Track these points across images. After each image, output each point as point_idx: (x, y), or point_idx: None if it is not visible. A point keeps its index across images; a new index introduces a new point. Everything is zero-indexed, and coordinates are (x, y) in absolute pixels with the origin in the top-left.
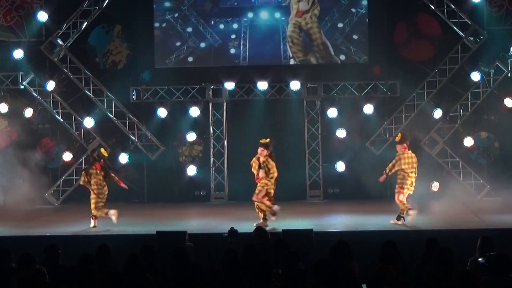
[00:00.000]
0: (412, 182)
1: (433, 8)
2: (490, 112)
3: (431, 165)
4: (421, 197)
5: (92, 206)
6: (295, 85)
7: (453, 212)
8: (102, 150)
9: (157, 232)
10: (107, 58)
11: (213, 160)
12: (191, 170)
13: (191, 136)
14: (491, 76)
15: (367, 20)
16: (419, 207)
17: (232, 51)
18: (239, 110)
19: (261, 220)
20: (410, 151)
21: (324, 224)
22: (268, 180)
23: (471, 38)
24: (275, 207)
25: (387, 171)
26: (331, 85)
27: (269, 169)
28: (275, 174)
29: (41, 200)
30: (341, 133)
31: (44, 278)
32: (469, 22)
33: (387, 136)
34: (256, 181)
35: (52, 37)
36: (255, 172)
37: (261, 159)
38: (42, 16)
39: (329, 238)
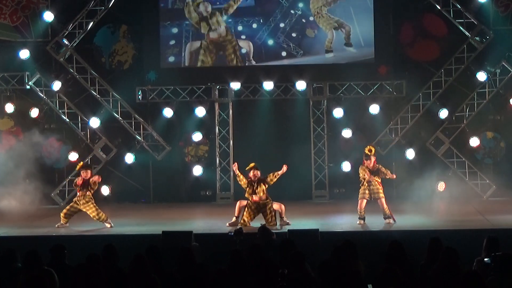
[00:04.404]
0: None
1: (439, 8)
2: (496, 112)
3: (437, 165)
4: (427, 197)
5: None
6: (301, 85)
7: (459, 212)
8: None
9: (163, 232)
10: (113, 58)
11: (219, 160)
12: (197, 170)
13: (197, 136)
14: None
15: (373, 20)
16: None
17: (171, 59)
18: (245, 110)
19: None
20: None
21: (330, 224)
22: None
23: (477, 38)
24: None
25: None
26: (337, 85)
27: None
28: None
29: (47, 200)
30: (347, 133)
31: (53, 279)
32: (475, 22)
33: (393, 136)
34: (251, 200)
35: (58, 37)
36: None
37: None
38: (48, 16)
39: (335, 238)
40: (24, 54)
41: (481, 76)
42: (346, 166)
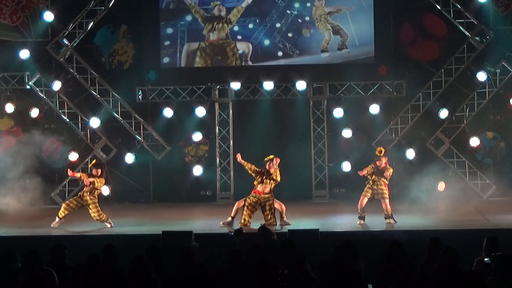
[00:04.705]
0: None
1: (439, 8)
2: (496, 112)
3: (437, 165)
4: (427, 197)
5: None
6: (301, 85)
7: (459, 212)
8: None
9: (163, 232)
10: (113, 58)
11: (219, 160)
12: (197, 170)
13: (197, 136)
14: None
15: (373, 20)
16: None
17: (166, 60)
18: (245, 110)
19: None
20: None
21: (330, 224)
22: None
23: (477, 38)
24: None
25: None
26: (337, 85)
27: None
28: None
29: (47, 200)
30: (347, 133)
31: (53, 279)
32: (475, 22)
33: (393, 136)
34: (255, 191)
35: (58, 37)
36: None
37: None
38: (48, 16)
39: (335, 238)
40: (24, 54)
41: (481, 76)
42: (346, 166)
